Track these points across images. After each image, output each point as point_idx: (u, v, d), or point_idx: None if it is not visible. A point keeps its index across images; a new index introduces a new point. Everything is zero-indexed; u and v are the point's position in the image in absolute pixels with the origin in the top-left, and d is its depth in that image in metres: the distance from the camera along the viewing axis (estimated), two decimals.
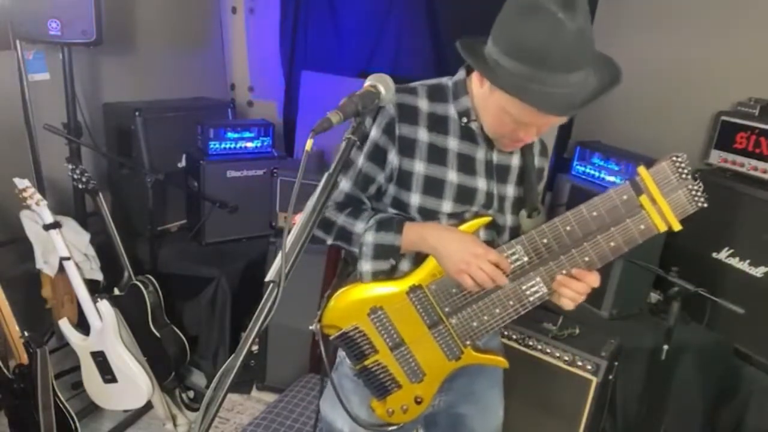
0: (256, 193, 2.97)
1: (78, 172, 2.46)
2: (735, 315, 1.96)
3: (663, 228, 1.24)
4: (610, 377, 2.11)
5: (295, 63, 3.64)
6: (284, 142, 3.68)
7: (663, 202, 1.22)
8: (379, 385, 1.38)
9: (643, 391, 2.22)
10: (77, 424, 2.26)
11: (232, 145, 3.02)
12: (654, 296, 2.54)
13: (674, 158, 1.22)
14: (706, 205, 1.23)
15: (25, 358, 2.10)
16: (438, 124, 1.33)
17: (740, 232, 2.35)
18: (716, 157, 2.51)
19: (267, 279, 0.96)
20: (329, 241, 1.37)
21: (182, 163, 3.12)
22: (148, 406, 2.58)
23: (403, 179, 1.32)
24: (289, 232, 1.01)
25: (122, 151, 3.02)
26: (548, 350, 2.12)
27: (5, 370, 2.14)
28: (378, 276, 1.35)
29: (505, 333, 2.18)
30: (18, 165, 2.55)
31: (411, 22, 3.35)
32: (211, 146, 2.96)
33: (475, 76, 1.29)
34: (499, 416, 1.57)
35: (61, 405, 2.21)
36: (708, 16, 2.70)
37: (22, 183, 2.25)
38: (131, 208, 3.05)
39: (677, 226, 1.23)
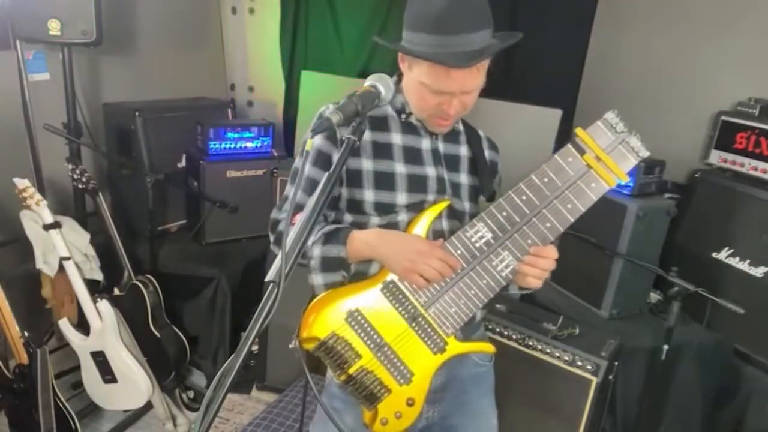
0: (256, 193, 2.97)
1: (78, 172, 2.46)
2: (735, 315, 1.96)
3: (612, 183, 1.26)
4: (610, 377, 2.11)
5: (295, 63, 3.64)
6: (284, 142, 3.68)
7: (607, 158, 1.25)
8: (367, 393, 1.33)
9: (643, 391, 2.22)
10: (77, 424, 2.26)
11: (232, 145, 3.02)
12: (654, 296, 2.54)
13: (605, 117, 1.26)
14: (648, 153, 1.25)
15: (25, 358, 2.10)
16: (378, 124, 1.38)
17: (740, 232, 2.35)
18: (716, 157, 2.51)
19: (267, 279, 0.96)
20: None
21: (182, 163, 3.12)
22: (148, 406, 2.58)
23: (354, 179, 1.35)
24: (289, 232, 1.01)
25: (122, 151, 3.02)
26: (548, 350, 2.12)
27: (5, 370, 2.14)
28: (331, 288, 1.34)
29: (505, 333, 2.19)
30: (18, 165, 2.55)
31: None
32: (211, 146, 2.96)
33: (402, 69, 1.36)
34: (492, 424, 1.56)
35: (61, 405, 2.21)
36: (708, 16, 2.70)
37: (22, 183, 2.26)
38: (131, 208, 3.05)
39: (625, 178, 1.27)
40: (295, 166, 1.40)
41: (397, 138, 1.38)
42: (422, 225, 1.34)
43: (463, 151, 1.46)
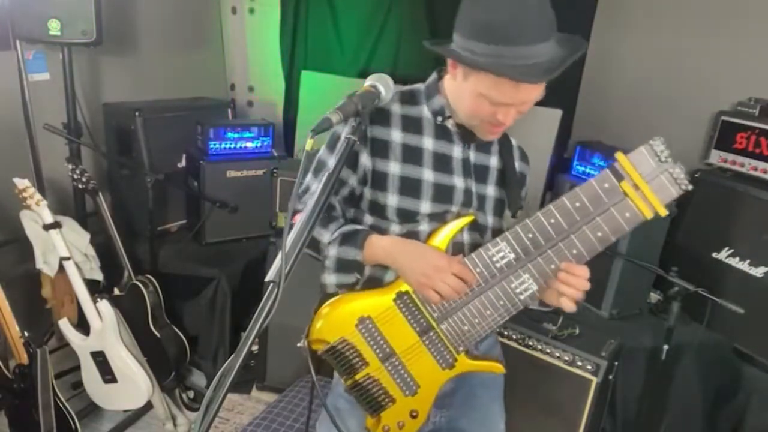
0: (256, 193, 2.97)
1: (78, 172, 2.46)
2: (735, 315, 1.96)
3: (649, 214, 1.19)
4: (610, 377, 2.11)
5: (295, 63, 3.64)
6: (284, 142, 3.68)
7: (646, 187, 1.18)
8: (371, 400, 1.33)
9: (643, 391, 2.22)
10: (77, 424, 2.26)
11: (232, 145, 3.02)
12: (654, 296, 2.54)
13: (651, 143, 1.19)
14: (690, 187, 1.18)
15: (25, 358, 2.10)
16: (411, 125, 1.33)
17: (740, 232, 2.35)
18: (716, 157, 2.51)
19: (267, 279, 0.96)
20: None
21: (182, 163, 3.12)
22: (148, 406, 2.58)
23: (379, 181, 1.31)
24: (289, 232, 1.01)
25: (122, 151, 3.02)
26: (548, 350, 2.12)
27: (5, 370, 2.14)
28: (343, 289, 1.33)
29: (505, 333, 2.19)
30: (18, 165, 2.55)
31: (411, 22, 3.35)
32: (211, 146, 2.96)
33: (447, 73, 1.30)
34: (500, 429, 1.55)
35: (61, 405, 2.21)
36: (708, 16, 2.70)
37: (22, 183, 2.25)
38: (131, 208, 3.05)
39: (663, 211, 1.19)
40: (320, 157, 1.36)
41: (428, 143, 1.33)
42: (443, 237, 1.30)
43: (494, 161, 1.40)
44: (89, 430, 2.59)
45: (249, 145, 3.07)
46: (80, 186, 2.49)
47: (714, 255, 2.41)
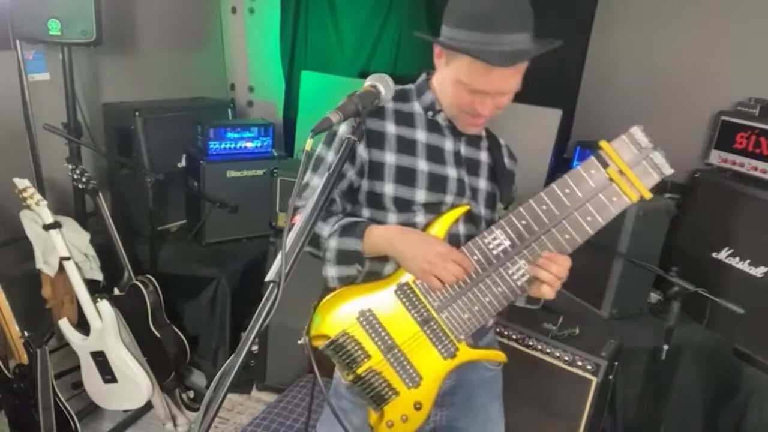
0: (256, 193, 2.97)
1: (78, 172, 2.46)
2: (735, 315, 1.96)
3: (635, 198, 1.25)
4: (610, 377, 2.11)
5: (295, 63, 3.64)
6: (284, 142, 3.68)
7: (630, 173, 1.24)
8: (375, 394, 1.33)
9: (643, 391, 2.22)
10: (77, 424, 2.26)
11: (232, 145, 3.02)
12: (654, 296, 2.54)
13: (631, 131, 1.25)
14: (672, 171, 1.25)
15: (25, 358, 2.10)
16: (404, 119, 1.38)
17: (740, 232, 2.35)
18: (716, 157, 2.52)
19: (267, 279, 0.96)
20: None
21: (182, 163, 3.12)
22: (148, 406, 2.58)
23: (375, 170, 1.34)
24: (289, 232, 1.01)
25: (122, 151, 3.02)
26: (548, 350, 2.12)
27: (5, 370, 2.14)
28: (344, 282, 1.34)
29: (505, 333, 2.19)
30: (18, 165, 2.55)
31: (411, 22, 3.35)
32: (211, 146, 2.96)
33: (436, 67, 1.36)
34: (500, 430, 1.56)
35: (61, 405, 2.21)
36: (708, 16, 2.70)
37: (22, 183, 2.26)
38: (131, 208, 3.05)
39: (648, 195, 1.25)
40: (318, 154, 1.40)
41: (421, 135, 1.37)
42: (440, 227, 1.33)
43: (484, 157, 1.45)
44: (89, 430, 2.59)
45: (249, 145, 3.07)
46: (80, 186, 2.49)
47: (714, 255, 2.41)
